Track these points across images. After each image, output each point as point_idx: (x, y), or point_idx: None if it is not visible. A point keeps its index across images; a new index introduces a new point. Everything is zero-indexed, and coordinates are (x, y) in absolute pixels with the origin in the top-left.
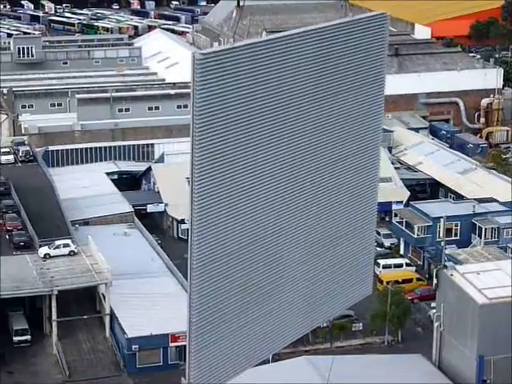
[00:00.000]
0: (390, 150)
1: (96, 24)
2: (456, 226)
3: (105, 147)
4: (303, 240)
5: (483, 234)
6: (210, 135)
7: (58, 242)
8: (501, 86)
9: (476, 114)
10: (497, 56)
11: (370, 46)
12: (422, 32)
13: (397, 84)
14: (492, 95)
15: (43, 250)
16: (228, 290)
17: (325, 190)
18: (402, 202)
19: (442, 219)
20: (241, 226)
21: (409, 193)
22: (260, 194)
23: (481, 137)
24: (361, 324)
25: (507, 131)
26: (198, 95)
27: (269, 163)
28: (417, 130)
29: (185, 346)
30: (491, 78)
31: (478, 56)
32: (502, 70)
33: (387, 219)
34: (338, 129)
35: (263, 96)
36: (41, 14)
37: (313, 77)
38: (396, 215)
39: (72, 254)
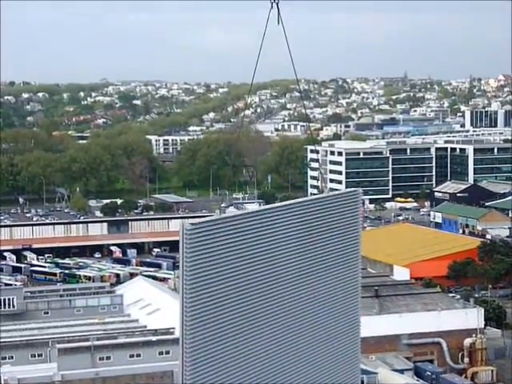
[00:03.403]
0: None
1: (78, 273)
2: None
3: None
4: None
5: None
6: (200, 301)
7: None
8: (482, 326)
9: (460, 354)
10: (476, 295)
11: (345, 216)
12: (400, 273)
13: (379, 325)
14: (474, 335)
15: None
16: None
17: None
18: None
19: None
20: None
21: None
22: (251, 355)
23: (466, 377)
24: None
25: (492, 371)
26: (187, 265)
27: (258, 321)
28: (401, 371)
29: None
30: (472, 317)
31: (458, 296)
32: (483, 310)
33: None
34: (320, 292)
35: (249, 261)
36: (23, 265)
37: (295, 243)
38: None
39: None
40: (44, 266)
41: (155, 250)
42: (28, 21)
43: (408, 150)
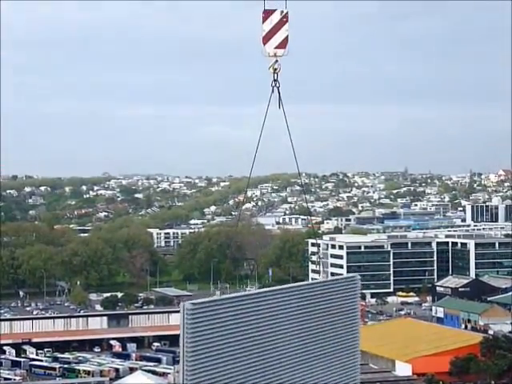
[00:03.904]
0: None
1: (77, 368)
2: None
3: None
4: None
5: None
6: (200, 377)
7: None
8: None
9: None
10: None
11: (344, 300)
12: (403, 369)
13: None
14: None
15: None
16: None
17: None
18: None
19: None
20: None
21: None
22: None
23: None
24: None
25: None
26: (187, 342)
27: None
28: None
29: None
30: None
31: None
32: None
33: None
34: (318, 373)
35: (248, 340)
36: (22, 359)
37: (294, 325)
38: None
39: None
40: (43, 360)
41: (155, 344)
42: (30, 114)
43: (409, 244)
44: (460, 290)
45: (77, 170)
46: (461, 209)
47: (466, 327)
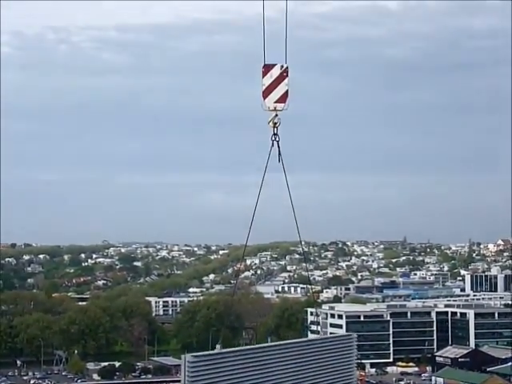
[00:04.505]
0: None
1: None
2: None
3: None
4: None
5: None
6: None
7: None
8: None
9: None
10: None
11: (340, 357)
12: None
13: None
14: None
15: None
16: None
17: None
18: None
19: None
20: None
21: None
22: None
23: None
24: None
25: None
26: None
27: None
28: None
29: None
30: None
31: None
32: None
33: None
34: None
35: None
36: None
37: (290, 379)
38: None
39: None
40: None
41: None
42: (27, 181)
43: (409, 314)
44: (460, 360)
45: (76, 238)
46: (460, 278)
47: None
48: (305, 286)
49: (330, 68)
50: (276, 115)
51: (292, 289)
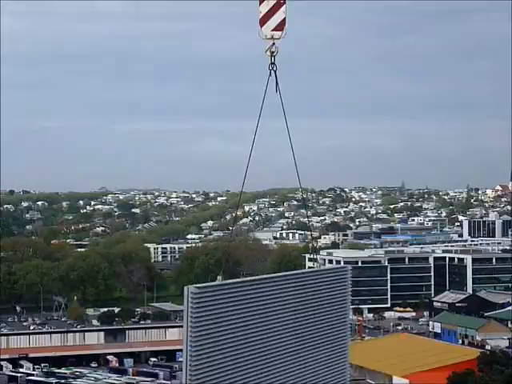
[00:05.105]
0: None
1: (74, 383)
2: None
3: None
4: None
5: None
6: (203, 356)
7: None
8: None
9: None
10: None
11: (335, 288)
12: None
13: None
14: None
15: None
16: None
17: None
18: None
19: None
20: None
21: None
22: None
23: None
24: None
25: None
26: (191, 322)
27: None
28: None
29: None
30: None
31: None
32: None
33: None
34: (310, 357)
35: (247, 323)
36: (19, 374)
37: (289, 309)
38: None
39: None
40: (41, 376)
41: (152, 359)
42: (26, 129)
43: (406, 259)
44: (457, 305)
45: (74, 185)
46: (458, 224)
47: (463, 342)
48: (303, 232)
49: (324, 11)
50: (273, 44)
51: (290, 235)
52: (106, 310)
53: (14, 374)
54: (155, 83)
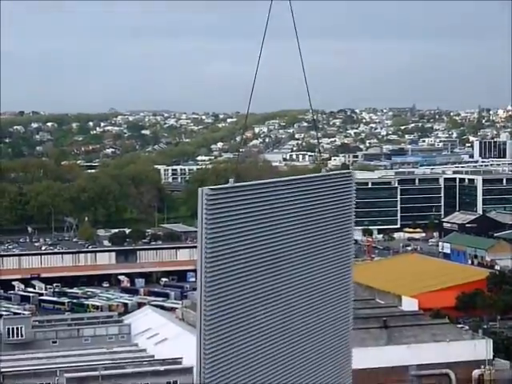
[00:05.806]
0: None
1: (86, 302)
2: None
3: None
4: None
5: None
6: (218, 263)
7: None
8: (491, 357)
9: None
10: (485, 327)
11: (340, 195)
12: (409, 304)
13: (387, 356)
14: (483, 366)
15: None
16: None
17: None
18: None
19: None
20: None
21: None
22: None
23: None
24: None
25: None
26: (206, 226)
27: (266, 289)
28: None
29: None
30: (481, 349)
31: (466, 327)
32: (491, 341)
33: None
34: (317, 263)
35: (259, 225)
36: (31, 294)
37: (297, 214)
38: None
39: None
40: (53, 296)
41: (163, 279)
42: (37, 49)
43: (417, 181)
44: (467, 225)
45: (83, 107)
46: (469, 145)
47: (472, 263)
48: (313, 153)
49: None
50: None
51: (300, 156)
52: (116, 230)
53: (26, 293)
54: (166, 3)
